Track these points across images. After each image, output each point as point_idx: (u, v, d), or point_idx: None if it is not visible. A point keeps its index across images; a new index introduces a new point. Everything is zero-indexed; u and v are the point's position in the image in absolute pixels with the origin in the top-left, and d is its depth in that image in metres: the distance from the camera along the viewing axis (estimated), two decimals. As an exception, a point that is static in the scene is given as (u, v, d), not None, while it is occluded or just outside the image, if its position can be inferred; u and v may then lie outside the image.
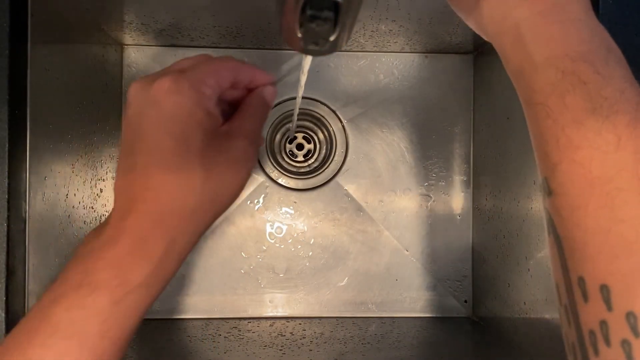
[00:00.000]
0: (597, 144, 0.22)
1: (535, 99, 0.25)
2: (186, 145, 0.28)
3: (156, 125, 0.28)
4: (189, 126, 0.28)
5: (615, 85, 0.23)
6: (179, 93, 0.28)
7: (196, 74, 0.29)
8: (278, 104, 0.57)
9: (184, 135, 0.28)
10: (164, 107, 0.28)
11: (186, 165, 0.28)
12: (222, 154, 0.29)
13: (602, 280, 0.22)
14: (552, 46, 0.25)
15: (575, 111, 0.23)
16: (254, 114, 0.32)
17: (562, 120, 0.24)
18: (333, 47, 0.28)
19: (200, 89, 0.29)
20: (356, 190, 0.57)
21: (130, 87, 0.29)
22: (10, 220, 0.35)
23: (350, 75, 0.57)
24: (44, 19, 0.38)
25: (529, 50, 0.26)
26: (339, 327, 0.53)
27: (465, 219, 0.58)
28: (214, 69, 0.30)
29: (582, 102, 0.23)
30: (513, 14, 0.27)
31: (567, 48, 0.25)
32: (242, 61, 0.33)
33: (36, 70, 0.38)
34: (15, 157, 0.36)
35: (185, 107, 0.28)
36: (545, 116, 0.24)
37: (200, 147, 0.28)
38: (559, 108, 0.24)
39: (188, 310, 0.55)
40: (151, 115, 0.28)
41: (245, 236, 0.56)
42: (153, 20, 0.49)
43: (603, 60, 0.24)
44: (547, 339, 0.41)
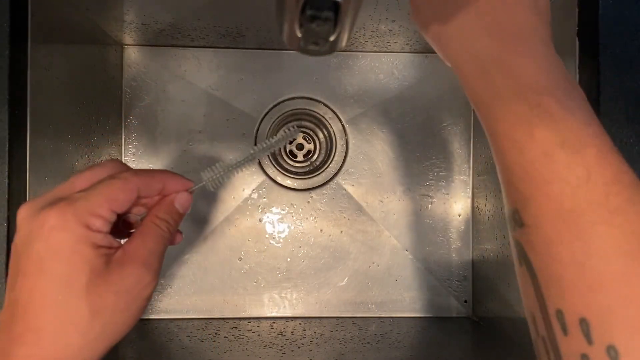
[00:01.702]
0: (568, 179, 0.22)
1: (501, 131, 0.25)
2: (69, 285, 0.26)
3: (38, 263, 0.27)
4: (72, 264, 0.27)
5: (580, 118, 0.23)
6: (64, 230, 0.27)
7: (86, 205, 0.28)
8: (277, 105, 0.57)
9: (66, 275, 0.27)
10: (48, 244, 0.27)
11: (69, 305, 0.26)
12: (111, 286, 0.27)
13: (580, 314, 0.22)
14: (517, 79, 0.25)
15: (544, 145, 0.23)
16: (153, 232, 0.30)
17: (531, 153, 0.23)
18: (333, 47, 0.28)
19: (88, 222, 0.27)
20: (356, 190, 0.57)
21: (19, 211, 0.28)
22: (10, 220, 0.35)
23: (351, 75, 0.57)
24: (44, 18, 0.38)
25: (494, 82, 0.25)
26: (339, 327, 0.53)
27: (465, 219, 0.58)
28: (108, 195, 0.29)
29: (551, 136, 0.23)
30: (475, 45, 0.26)
31: (532, 81, 0.24)
32: (151, 171, 0.32)
33: (36, 70, 0.37)
34: (15, 157, 0.36)
35: (68, 245, 0.27)
36: (512, 148, 0.24)
37: (85, 285, 0.27)
38: (528, 141, 0.24)
39: (188, 310, 0.55)
40: (34, 250, 0.27)
41: (245, 236, 0.56)
42: (153, 21, 0.49)
43: (567, 94, 0.24)
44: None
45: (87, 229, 0.27)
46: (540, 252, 0.23)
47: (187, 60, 0.56)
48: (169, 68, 0.56)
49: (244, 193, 0.57)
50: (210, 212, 0.56)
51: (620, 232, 0.21)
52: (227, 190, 0.57)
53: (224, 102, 0.56)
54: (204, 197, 0.56)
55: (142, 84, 0.56)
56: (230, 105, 0.56)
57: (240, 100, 0.57)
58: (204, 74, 0.56)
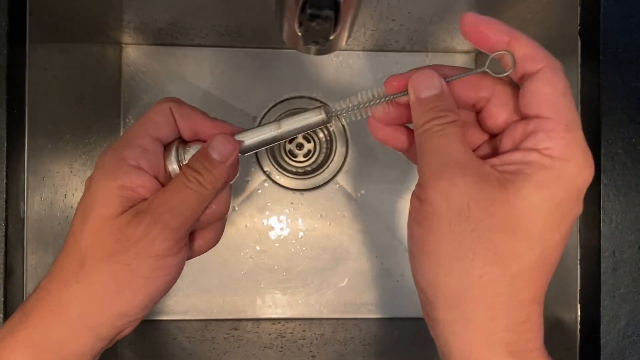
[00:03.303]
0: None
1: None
2: (82, 219, 0.26)
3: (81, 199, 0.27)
4: (90, 201, 0.26)
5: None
6: (99, 167, 0.27)
7: (125, 137, 0.27)
8: (277, 104, 0.57)
9: (82, 211, 0.27)
10: (89, 179, 0.27)
11: (71, 243, 0.26)
12: (114, 233, 0.26)
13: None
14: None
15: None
16: (177, 184, 0.27)
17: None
18: (333, 46, 0.28)
19: (122, 154, 0.26)
20: (356, 190, 0.57)
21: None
22: (9, 221, 0.35)
23: (351, 74, 0.57)
24: (42, 18, 0.38)
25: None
26: (340, 328, 0.53)
27: (465, 219, 0.58)
28: (143, 122, 0.28)
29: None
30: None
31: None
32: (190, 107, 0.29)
33: (35, 69, 0.37)
34: (14, 157, 0.35)
35: (96, 180, 0.27)
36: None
37: (92, 225, 0.26)
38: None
39: (187, 311, 0.55)
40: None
41: (245, 236, 0.56)
42: (152, 20, 0.49)
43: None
44: (548, 339, 0.41)
45: (121, 162, 0.26)
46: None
47: (186, 60, 0.56)
48: (168, 67, 0.56)
49: (243, 193, 0.56)
50: (210, 212, 0.56)
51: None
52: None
53: (223, 101, 0.56)
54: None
55: (140, 83, 0.55)
56: (229, 104, 0.56)
57: (240, 100, 0.56)
58: (203, 73, 0.56)
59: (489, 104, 0.26)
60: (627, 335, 0.35)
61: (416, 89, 0.25)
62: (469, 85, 0.26)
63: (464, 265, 0.23)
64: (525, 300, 0.23)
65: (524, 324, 0.23)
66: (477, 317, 0.23)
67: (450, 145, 0.24)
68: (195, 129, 0.29)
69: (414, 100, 0.26)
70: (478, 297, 0.23)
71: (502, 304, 0.23)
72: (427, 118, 0.25)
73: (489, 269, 0.23)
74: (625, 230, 0.35)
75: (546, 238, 0.23)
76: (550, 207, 0.23)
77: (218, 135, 0.28)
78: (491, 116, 0.26)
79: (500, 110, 0.25)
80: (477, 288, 0.23)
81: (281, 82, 0.57)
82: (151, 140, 0.27)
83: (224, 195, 0.29)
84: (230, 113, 0.56)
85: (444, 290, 0.24)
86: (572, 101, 0.24)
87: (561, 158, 0.23)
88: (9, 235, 0.35)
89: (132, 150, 0.27)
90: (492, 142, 0.26)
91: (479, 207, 0.23)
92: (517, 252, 0.23)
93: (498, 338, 0.23)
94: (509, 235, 0.23)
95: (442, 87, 0.25)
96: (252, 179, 0.57)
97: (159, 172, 0.28)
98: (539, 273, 0.23)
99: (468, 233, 0.23)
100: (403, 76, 0.26)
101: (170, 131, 0.28)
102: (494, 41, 0.24)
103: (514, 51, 0.24)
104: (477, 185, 0.23)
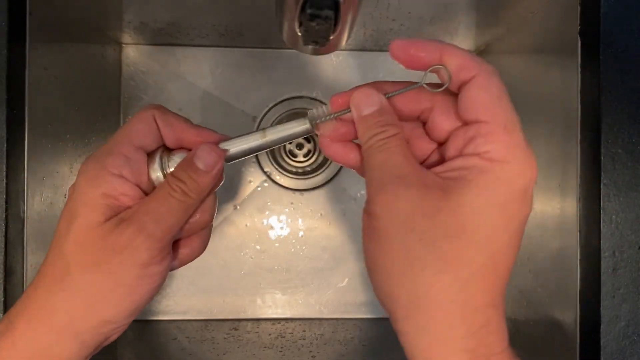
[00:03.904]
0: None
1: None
2: (66, 227, 0.26)
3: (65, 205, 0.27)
4: (74, 210, 0.26)
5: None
6: (82, 173, 0.27)
7: (107, 145, 0.27)
8: (277, 104, 0.57)
9: (67, 219, 0.27)
10: (72, 187, 0.27)
11: (55, 251, 0.26)
12: (97, 241, 0.26)
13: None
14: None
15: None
16: (161, 193, 0.27)
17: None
18: (333, 46, 0.28)
19: (105, 162, 0.26)
20: (357, 190, 0.57)
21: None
22: (9, 221, 0.35)
23: (351, 74, 0.57)
24: (42, 17, 0.38)
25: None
26: (340, 328, 0.53)
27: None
28: (125, 130, 0.28)
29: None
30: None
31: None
32: (174, 114, 0.29)
33: (34, 69, 0.37)
34: (14, 157, 0.35)
35: (79, 188, 0.27)
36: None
37: (75, 233, 0.26)
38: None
39: (187, 311, 0.55)
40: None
41: (245, 237, 0.56)
42: (152, 19, 0.49)
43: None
44: (547, 339, 0.41)
45: (103, 170, 0.26)
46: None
47: (186, 59, 0.56)
48: (168, 67, 0.56)
49: (243, 193, 0.56)
50: (210, 212, 0.56)
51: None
52: (227, 191, 0.56)
53: (223, 101, 0.56)
54: (204, 197, 0.55)
55: (140, 83, 0.55)
56: (229, 104, 0.56)
57: (240, 100, 0.56)
58: (203, 73, 0.56)
59: (432, 114, 0.26)
60: (627, 335, 0.35)
61: (357, 107, 0.26)
62: (410, 99, 0.27)
63: (414, 275, 0.23)
64: (482, 305, 0.23)
65: (484, 328, 0.23)
66: (434, 325, 0.23)
67: (392, 158, 0.24)
68: (179, 137, 0.29)
69: (356, 118, 0.26)
70: (433, 306, 0.23)
71: (457, 311, 0.23)
72: (370, 134, 0.25)
73: (439, 277, 0.23)
74: (625, 230, 0.35)
75: (493, 241, 0.23)
76: (493, 210, 0.23)
77: (203, 145, 0.28)
78: (436, 125, 0.26)
79: (443, 118, 0.26)
80: (430, 297, 0.23)
81: (281, 82, 0.57)
82: (134, 148, 0.27)
83: (208, 203, 0.29)
84: (230, 113, 0.56)
85: (399, 301, 0.24)
86: (508, 104, 0.24)
87: (501, 160, 0.23)
88: (9, 235, 0.35)
89: (115, 159, 0.27)
90: (441, 150, 0.27)
91: (424, 217, 0.23)
92: (465, 258, 0.23)
93: (459, 345, 0.23)
94: (455, 241, 0.23)
95: (381, 103, 0.26)
96: (252, 179, 0.57)
97: (142, 181, 0.28)
98: (492, 276, 0.23)
99: (415, 243, 0.23)
100: (347, 94, 0.27)
101: (153, 139, 0.28)
102: (427, 60, 0.25)
103: (448, 64, 0.25)
104: (420, 195, 0.23)
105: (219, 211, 0.56)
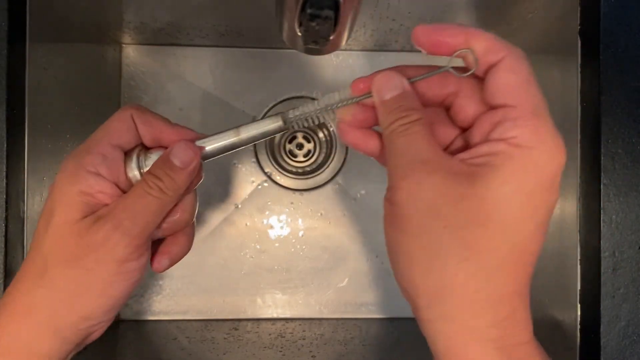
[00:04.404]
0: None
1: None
2: (44, 226, 0.27)
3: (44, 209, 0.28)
4: (52, 208, 0.27)
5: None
6: (62, 171, 0.27)
7: (85, 144, 0.28)
8: (277, 104, 0.57)
9: (46, 217, 0.27)
10: (51, 187, 0.28)
11: (36, 249, 0.27)
12: (74, 238, 0.26)
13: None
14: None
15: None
16: (138, 191, 0.27)
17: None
18: (333, 46, 0.28)
19: (82, 160, 0.27)
20: (357, 191, 0.57)
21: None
22: (9, 221, 0.35)
23: (351, 74, 0.57)
24: (42, 18, 0.38)
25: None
26: (340, 328, 0.53)
27: (465, 219, 0.58)
28: (104, 129, 0.28)
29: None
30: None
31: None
32: (152, 113, 0.29)
33: (34, 69, 0.37)
34: (14, 157, 0.35)
35: (58, 187, 0.27)
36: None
37: (54, 231, 0.26)
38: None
39: (187, 311, 0.55)
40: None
41: (245, 237, 0.56)
42: (152, 19, 0.49)
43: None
44: (548, 339, 0.41)
45: (80, 169, 0.26)
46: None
47: (186, 59, 0.56)
48: (168, 67, 0.56)
49: (243, 193, 0.56)
50: (210, 213, 0.56)
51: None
52: (227, 191, 0.56)
53: (223, 101, 0.56)
54: (204, 197, 0.55)
55: (140, 83, 0.55)
56: (229, 104, 0.56)
57: (240, 100, 0.56)
58: (203, 73, 0.56)
59: (457, 98, 0.26)
60: (627, 335, 0.35)
61: (379, 91, 0.25)
62: (435, 83, 0.26)
63: (439, 263, 0.23)
64: (507, 294, 0.23)
65: (509, 318, 0.23)
66: (460, 314, 0.23)
67: (415, 144, 0.24)
68: (157, 136, 0.29)
69: (378, 102, 0.26)
70: (457, 294, 0.23)
71: (483, 300, 0.22)
72: (391, 119, 0.25)
73: (464, 265, 0.22)
74: (625, 230, 0.35)
75: (519, 229, 0.23)
76: (520, 197, 0.22)
77: (179, 142, 0.28)
78: (461, 110, 0.26)
79: (468, 103, 0.25)
80: (455, 285, 0.23)
81: (281, 82, 0.57)
82: (111, 147, 0.28)
83: (188, 202, 0.29)
84: (230, 113, 0.56)
85: (423, 289, 0.23)
86: (537, 87, 0.23)
87: (529, 146, 0.22)
88: (9, 235, 0.35)
89: (92, 157, 0.27)
90: (465, 136, 0.26)
91: (449, 204, 0.22)
92: (491, 246, 0.22)
93: (484, 334, 0.23)
94: (481, 229, 0.22)
95: (403, 87, 0.25)
96: (252, 179, 0.57)
97: (119, 179, 0.28)
98: (518, 265, 0.23)
99: (440, 231, 0.22)
100: (369, 78, 0.26)
101: (131, 138, 0.28)
102: (452, 44, 0.24)
103: (474, 47, 0.24)
104: (445, 182, 0.23)
105: (219, 211, 0.56)
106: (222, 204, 0.56)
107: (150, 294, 0.54)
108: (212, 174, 0.55)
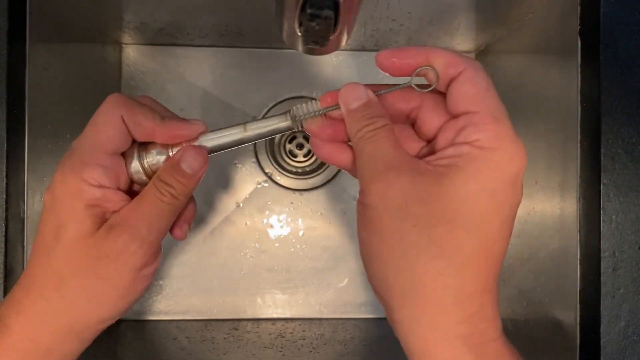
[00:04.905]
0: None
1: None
2: (55, 241, 0.27)
3: (42, 219, 0.28)
4: (60, 223, 0.27)
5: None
6: (62, 183, 0.27)
7: (79, 154, 0.27)
8: (277, 104, 0.57)
9: (53, 233, 0.27)
10: (49, 200, 0.27)
11: (48, 265, 0.27)
12: (92, 250, 0.26)
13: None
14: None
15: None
16: (150, 197, 0.27)
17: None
18: (333, 46, 0.28)
19: (83, 174, 0.27)
20: (356, 190, 0.57)
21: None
22: (9, 221, 0.35)
23: (351, 74, 0.57)
24: (42, 18, 0.38)
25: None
26: (340, 328, 0.53)
27: (465, 219, 0.58)
28: (95, 138, 0.28)
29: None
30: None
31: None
32: (145, 107, 0.29)
33: (34, 69, 0.37)
34: (14, 157, 0.35)
35: (62, 203, 0.27)
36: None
37: (68, 246, 0.26)
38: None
39: (187, 311, 0.55)
40: (43, 208, 0.28)
41: (245, 237, 0.56)
42: (152, 19, 0.49)
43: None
44: (548, 339, 0.41)
45: (82, 183, 0.27)
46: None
47: (186, 60, 0.56)
48: (168, 67, 0.56)
49: (243, 193, 0.56)
50: (210, 213, 0.56)
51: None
52: (227, 191, 0.56)
53: (223, 101, 0.56)
54: (204, 197, 0.55)
55: (140, 84, 0.55)
56: (229, 104, 0.56)
57: (240, 100, 0.56)
58: (203, 73, 0.56)
59: (421, 111, 0.27)
60: (627, 335, 0.35)
61: (345, 101, 0.27)
62: (399, 98, 0.27)
63: (410, 262, 0.23)
64: (476, 291, 0.23)
65: (477, 314, 0.23)
66: (429, 312, 0.23)
67: (382, 148, 0.25)
68: (149, 135, 0.29)
69: (345, 112, 0.27)
70: (427, 292, 0.23)
71: (451, 297, 0.23)
72: (359, 126, 0.26)
73: (434, 263, 0.23)
74: (625, 230, 0.35)
75: (485, 226, 0.23)
76: (484, 196, 0.23)
77: (188, 149, 0.28)
78: (425, 123, 0.27)
79: (432, 115, 0.27)
80: (425, 283, 0.23)
81: (281, 82, 0.57)
82: (108, 156, 0.28)
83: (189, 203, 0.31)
84: (230, 113, 0.56)
85: (395, 290, 0.24)
86: (496, 95, 0.25)
87: (491, 148, 0.23)
88: (9, 235, 0.35)
89: (92, 171, 0.27)
90: (430, 145, 0.27)
91: (417, 203, 0.23)
92: (458, 243, 0.23)
93: (453, 332, 0.23)
94: (449, 227, 0.23)
95: (368, 97, 0.27)
96: (252, 179, 0.57)
97: (121, 182, 0.29)
98: (485, 261, 0.24)
99: (409, 230, 0.23)
100: (336, 91, 0.28)
101: (126, 141, 0.29)
102: (413, 64, 0.26)
103: (434, 64, 0.25)
104: (413, 183, 0.23)
105: (219, 211, 0.56)
106: (222, 204, 0.56)
107: (150, 294, 0.54)
108: (212, 174, 0.55)
